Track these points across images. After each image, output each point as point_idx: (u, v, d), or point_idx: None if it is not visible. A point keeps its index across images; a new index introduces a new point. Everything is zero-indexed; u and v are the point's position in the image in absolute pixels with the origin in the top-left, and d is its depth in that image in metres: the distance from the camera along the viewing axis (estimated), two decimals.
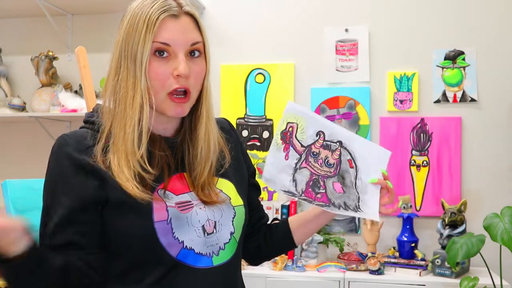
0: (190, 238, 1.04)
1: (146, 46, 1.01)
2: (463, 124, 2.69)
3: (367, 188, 1.24)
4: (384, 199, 1.23)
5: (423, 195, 2.70)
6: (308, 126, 1.24)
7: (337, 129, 1.26)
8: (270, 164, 1.22)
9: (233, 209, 1.13)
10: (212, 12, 2.94)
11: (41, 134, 2.95)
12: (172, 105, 1.04)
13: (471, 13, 2.71)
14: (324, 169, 1.24)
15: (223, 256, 1.08)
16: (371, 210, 1.22)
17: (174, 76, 1.02)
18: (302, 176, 1.23)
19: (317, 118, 1.25)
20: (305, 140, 1.24)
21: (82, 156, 1.03)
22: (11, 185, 1.29)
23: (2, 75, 3.03)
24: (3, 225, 0.89)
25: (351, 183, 1.24)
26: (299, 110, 1.25)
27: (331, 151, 1.24)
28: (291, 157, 1.23)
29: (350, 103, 2.77)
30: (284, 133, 1.23)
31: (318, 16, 2.84)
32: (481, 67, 2.69)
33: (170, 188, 1.06)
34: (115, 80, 1.05)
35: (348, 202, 1.23)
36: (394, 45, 2.77)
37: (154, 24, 1.01)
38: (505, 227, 2.04)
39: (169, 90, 1.03)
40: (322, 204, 1.22)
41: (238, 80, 2.90)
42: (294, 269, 2.44)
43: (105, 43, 2.95)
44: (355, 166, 1.25)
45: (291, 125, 1.23)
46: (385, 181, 1.23)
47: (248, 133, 2.87)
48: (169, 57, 1.03)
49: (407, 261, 2.46)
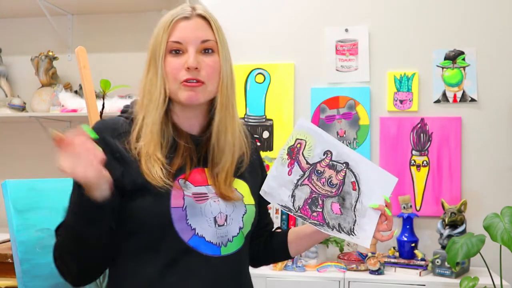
0: (201, 227, 1.12)
1: (162, 46, 1.15)
2: (463, 124, 2.69)
3: (367, 212, 1.24)
4: (382, 226, 1.24)
5: (423, 195, 2.70)
6: (316, 144, 1.24)
7: (346, 150, 1.26)
8: (272, 177, 1.23)
9: (245, 207, 1.21)
10: (212, 12, 2.92)
11: (41, 134, 2.95)
12: (185, 90, 1.15)
13: (471, 13, 2.71)
14: (325, 188, 1.24)
15: (230, 248, 1.16)
16: (364, 235, 1.22)
17: (185, 68, 1.14)
18: (302, 193, 1.23)
19: (327, 138, 1.26)
20: (311, 157, 1.24)
21: (114, 141, 1.13)
22: (11, 185, 1.29)
23: (2, 75, 3.03)
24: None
25: (350, 206, 1.24)
26: (310, 128, 1.25)
27: (336, 171, 1.25)
28: (294, 173, 1.23)
29: (350, 103, 2.77)
30: (291, 149, 1.24)
31: (318, 16, 2.84)
32: (481, 67, 2.69)
33: (190, 179, 1.15)
34: (145, 79, 1.18)
35: (343, 224, 1.23)
36: (394, 45, 2.77)
37: (168, 26, 1.15)
38: (505, 227, 2.04)
39: (181, 80, 1.14)
40: (316, 223, 1.22)
41: (238, 80, 2.90)
42: (294, 269, 2.44)
43: (105, 43, 2.98)
44: (358, 189, 1.25)
45: (299, 141, 1.24)
46: (385, 208, 1.23)
47: None
48: (182, 54, 1.15)
49: (407, 261, 2.46)
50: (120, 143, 1.14)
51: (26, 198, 1.30)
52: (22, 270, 1.25)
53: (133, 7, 2.86)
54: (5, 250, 2.38)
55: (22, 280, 1.26)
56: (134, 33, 2.91)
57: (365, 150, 2.74)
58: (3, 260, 2.33)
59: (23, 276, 1.26)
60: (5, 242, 2.53)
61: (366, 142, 2.76)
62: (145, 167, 1.11)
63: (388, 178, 1.27)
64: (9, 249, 2.33)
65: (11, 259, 2.27)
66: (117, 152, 1.12)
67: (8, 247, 2.44)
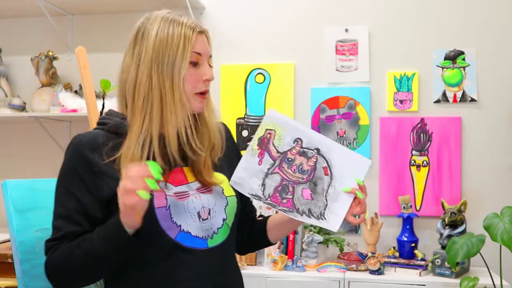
0: (186, 223, 1.17)
1: (186, 55, 1.18)
2: (463, 124, 2.69)
3: (339, 196, 1.24)
4: (355, 209, 1.24)
5: (423, 195, 2.70)
6: (286, 133, 1.26)
7: (316, 136, 1.27)
8: (241, 168, 1.25)
9: (226, 199, 1.26)
10: (212, 12, 2.94)
11: (41, 134, 2.95)
12: (198, 101, 1.22)
13: (471, 13, 2.71)
14: (296, 175, 1.25)
15: (216, 239, 1.21)
16: (335, 219, 1.22)
17: (203, 80, 1.22)
18: (272, 181, 1.24)
19: (297, 126, 1.27)
20: (281, 146, 1.25)
21: (93, 155, 1.17)
22: (11, 185, 1.29)
23: (2, 75, 3.03)
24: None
25: (322, 191, 1.24)
26: (279, 118, 1.27)
27: (307, 158, 1.25)
28: (264, 163, 1.25)
29: (350, 103, 2.77)
30: (261, 139, 1.26)
31: (318, 16, 2.84)
32: (481, 67, 2.69)
33: (170, 180, 1.20)
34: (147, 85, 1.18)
35: (313, 209, 1.23)
36: (394, 45, 2.77)
37: (191, 37, 1.19)
38: (505, 227, 2.04)
39: (198, 91, 1.21)
40: (285, 209, 1.23)
41: (238, 80, 2.90)
42: (294, 269, 2.44)
43: (105, 43, 2.98)
44: (330, 173, 1.25)
45: (269, 131, 1.26)
46: (356, 191, 1.23)
47: (248, 133, 2.87)
48: (198, 65, 1.22)
49: (407, 261, 2.46)
50: (98, 156, 1.17)
51: (26, 198, 1.30)
52: (22, 270, 1.26)
53: (133, 7, 2.86)
54: (5, 250, 2.38)
55: (22, 280, 1.26)
56: None
57: (365, 150, 2.74)
58: (3, 260, 2.33)
59: (23, 276, 1.26)
60: (5, 242, 2.53)
61: (366, 142, 2.76)
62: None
63: (361, 160, 1.27)
64: (9, 249, 2.33)
65: (11, 259, 2.27)
66: (96, 166, 1.16)
67: (8, 247, 2.44)
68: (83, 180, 1.16)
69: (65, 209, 1.16)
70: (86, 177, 1.16)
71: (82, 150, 1.17)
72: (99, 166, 1.16)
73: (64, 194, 1.17)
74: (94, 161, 1.16)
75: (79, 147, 1.18)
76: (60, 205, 1.17)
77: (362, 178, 1.25)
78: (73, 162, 1.18)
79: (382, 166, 2.74)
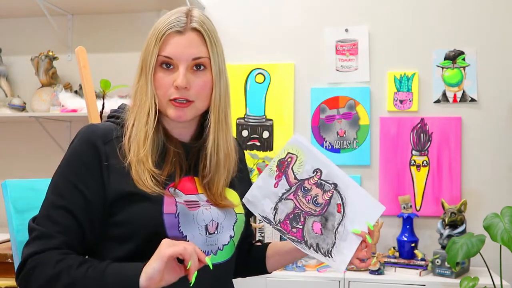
0: (192, 234, 1.10)
1: (153, 58, 1.11)
2: (463, 124, 2.69)
3: (348, 236, 1.22)
4: (362, 252, 1.22)
5: (423, 195, 2.70)
6: (307, 161, 1.23)
7: (336, 171, 1.25)
8: (257, 187, 1.22)
9: (235, 216, 1.19)
10: (212, 12, 2.94)
11: (41, 134, 2.95)
12: (173, 109, 1.13)
13: (471, 13, 2.71)
14: (310, 206, 1.23)
15: (220, 257, 1.14)
16: (341, 258, 1.21)
17: (174, 86, 1.11)
18: (285, 207, 1.22)
19: (319, 156, 1.25)
20: (300, 173, 1.23)
21: (105, 147, 1.10)
22: (11, 185, 1.29)
23: (2, 75, 3.03)
24: None
25: (332, 227, 1.22)
26: (303, 144, 1.24)
27: (323, 190, 1.23)
28: (281, 186, 1.22)
29: (350, 103, 2.77)
30: (281, 162, 1.23)
31: (318, 16, 2.84)
32: (481, 67, 2.69)
33: (180, 187, 1.13)
34: (136, 86, 1.15)
35: (321, 245, 1.21)
36: (394, 45, 2.77)
37: (160, 39, 1.11)
38: (505, 227, 2.04)
39: (170, 98, 1.12)
40: (294, 239, 1.21)
41: (238, 80, 2.90)
42: (294, 269, 2.44)
43: (105, 43, 2.98)
44: (343, 211, 1.23)
45: (290, 155, 1.23)
46: (366, 235, 1.21)
47: (248, 133, 2.87)
48: (173, 69, 1.12)
49: (407, 261, 2.46)
50: (111, 149, 1.11)
51: (26, 198, 1.30)
52: None
53: (133, 7, 2.86)
54: (5, 250, 2.38)
55: None
56: (134, 33, 2.91)
57: (365, 150, 2.74)
58: (3, 260, 2.33)
59: None
60: (5, 242, 2.53)
61: (366, 142, 2.76)
62: (135, 174, 1.08)
63: (375, 205, 1.26)
64: (9, 249, 2.33)
65: (11, 259, 2.27)
66: (106, 160, 1.09)
67: (8, 247, 2.44)
68: (91, 172, 1.08)
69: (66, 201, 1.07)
70: (94, 170, 1.08)
71: (95, 140, 1.10)
72: (109, 161, 1.09)
73: (65, 184, 1.08)
74: (106, 154, 1.09)
75: (92, 136, 1.10)
76: (59, 194, 1.07)
77: (373, 223, 1.23)
78: (83, 150, 1.09)
79: (382, 166, 2.74)
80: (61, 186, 1.08)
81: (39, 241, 1.05)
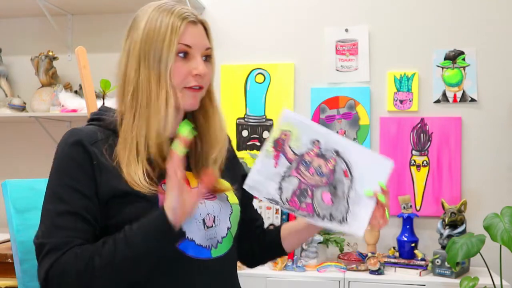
0: (191, 230, 1.09)
1: (172, 48, 1.09)
2: (463, 124, 2.69)
3: (361, 200, 1.18)
4: (379, 213, 1.19)
5: (423, 195, 2.70)
6: (303, 134, 1.20)
7: (335, 137, 1.21)
8: (256, 171, 1.18)
9: (230, 206, 1.19)
10: (212, 12, 2.94)
11: (41, 134, 2.95)
12: (189, 96, 1.13)
13: (471, 13, 2.71)
14: (315, 178, 1.19)
15: (220, 249, 1.14)
16: (358, 223, 1.17)
17: (193, 75, 1.12)
18: (289, 184, 1.18)
19: (314, 127, 1.22)
20: (298, 148, 1.20)
21: (92, 148, 1.08)
22: (11, 185, 1.29)
23: (2, 75, 3.03)
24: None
25: (343, 194, 1.19)
26: (295, 118, 1.21)
27: (325, 160, 1.20)
28: (281, 165, 1.19)
29: (350, 103, 2.77)
30: (277, 141, 1.20)
31: (318, 16, 2.84)
32: (481, 67, 2.69)
33: None
34: (135, 80, 1.11)
35: (334, 214, 1.18)
36: (394, 45, 2.77)
37: (179, 28, 1.10)
38: (505, 227, 2.04)
39: (187, 85, 1.12)
40: (305, 214, 1.18)
41: (238, 80, 2.90)
42: (294, 269, 2.44)
43: (105, 43, 2.97)
44: (351, 176, 1.20)
45: (285, 132, 1.20)
46: (379, 195, 1.18)
47: (248, 133, 2.87)
48: (189, 57, 1.12)
49: (407, 261, 2.46)
50: (98, 150, 1.08)
51: (26, 198, 1.30)
52: (22, 270, 1.26)
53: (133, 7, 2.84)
54: (5, 250, 2.38)
55: (22, 280, 1.26)
56: None
57: None
58: (3, 260, 2.33)
59: (23, 276, 1.26)
60: (5, 242, 2.53)
61: (366, 142, 2.75)
62: (127, 174, 1.06)
63: (383, 162, 1.21)
64: (9, 249, 2.33)
65: (11, 259, 2.27)
66: (96, 160, 1.07)
67: (8, 247, 2.44)
68: (85, 171, 1.06)
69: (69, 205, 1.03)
70: (87, 169, 1.06)
71: (82, 140, 1.08)
72: (98, 160, 1.07)
73: (63, 189, 1.05)
74: (95, 154, 1.07)
75: (77, 137, 1.08)
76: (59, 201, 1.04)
77: (385, 180, 1.19)
78: (72, 152, 1.07)
79: None
80: (59, 193, 1.05)
81: (53, 252, 1.01)
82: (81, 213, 1.04)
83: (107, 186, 1.06)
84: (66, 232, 1.02)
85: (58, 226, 1.03)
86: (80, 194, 1.05)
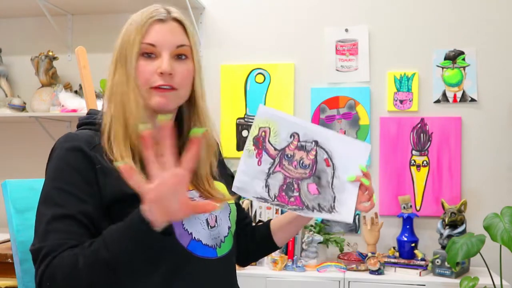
0: (197, 230, 1.11)
1: (135, 47, 1.09)
2: (463, 124, 2.69)
3: (345, 186, 1.21)
4: (363, 196, 1.22)
5: (423, 195, 2.70)
6: (281, 129, 1.21)
7: (312, 128, 1.23)
8: (241, 172, 1.19)
9: (229, 206, 1.21)
10: (212, 12, 2.94)
11: (41, 134, 2.95)
12: (156, 96, 1.09)
13: (471, 13, 2.71)
14: (299, 171, 1.21)
15: (224, 248, 1.16)
16: (346, 210, 1.20)
17: (158, 73, 1.09)
18: (275, 181, 1.20)
19: (290, 120, 1.23)
20: (278, 143, 1.21)
21: (92, 152, 1.07)
22: (11, 185, 1.29)
23: (2, 75, 3.03)
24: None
25: (327, 183, 1.21)
26: (270, 113, 1.23)
27: (306, 151, 1.22)
28: (264, 162, 1.20)
29: (350, 103, 2.77)
30: (256, 139, 1.21)
31: (318, 16, 2.84)
32: (481, 67, 2.69)
33: None
34: (112, 81, 1.13)
35: (322, 204, 1.21)
36: (394, 45, 2.77)
37: (142, 27, 1.10)
38: (505, 227, 2.04)
39: (153, 85, 1.09)
40: (295, 208, 1.20)
41: (238, 80, 2.90)
42: (294, 269, 2.44)
43: (105, 43, 2.97)
44: (332, 164, 1.22)
45: (263, 129, 1.22)
46: (361, 178, 1.21)
47: (248, 133, 2.87)
48: (156, 58, 1.10)
49: (407, 261, 2.46)
50: (99, 154, 1.07)
51: (26, 198, 1.30)
52: (22, 270, 1.26)
53: (133, 7, 2.84)
54: (5, 250, 2.38)
55: (22, 280, 1.26)
56: None
57: None
58: (3, 260, 2.33)
59: (23, 276, 1.26)
60: (5, 242, 2.53)
61: (366, 142, 2.75)
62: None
63: (361, 146, 1.25)
64: (9, 249, 2.33)
65: (11, 259, 2.27)
66: (98, 163, 1.06)
67: (8, 247, 2.44)
68: (83, 176, 1.04)
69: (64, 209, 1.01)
70: (87, 174, 1.04)
71: (80, 145, 1.06)
72: (101, 164, 1.05)
73: (59, 194, 1.03)
74: (96, 159, 1.05)
75: (75, 142, 1.07)
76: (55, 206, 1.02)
77: (364, 164, 1.22)
78: (70, 157, 1.05)
79: (382, 166, 2.74)
80: (55, 198, 1.03)
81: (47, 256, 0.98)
82: (76, 216, 1.01)
83: (112, 188, 1.04)
84: (60, 234, 1.00)
85: (52, 229, 1.00)
86: (75, 197, 1.03)
